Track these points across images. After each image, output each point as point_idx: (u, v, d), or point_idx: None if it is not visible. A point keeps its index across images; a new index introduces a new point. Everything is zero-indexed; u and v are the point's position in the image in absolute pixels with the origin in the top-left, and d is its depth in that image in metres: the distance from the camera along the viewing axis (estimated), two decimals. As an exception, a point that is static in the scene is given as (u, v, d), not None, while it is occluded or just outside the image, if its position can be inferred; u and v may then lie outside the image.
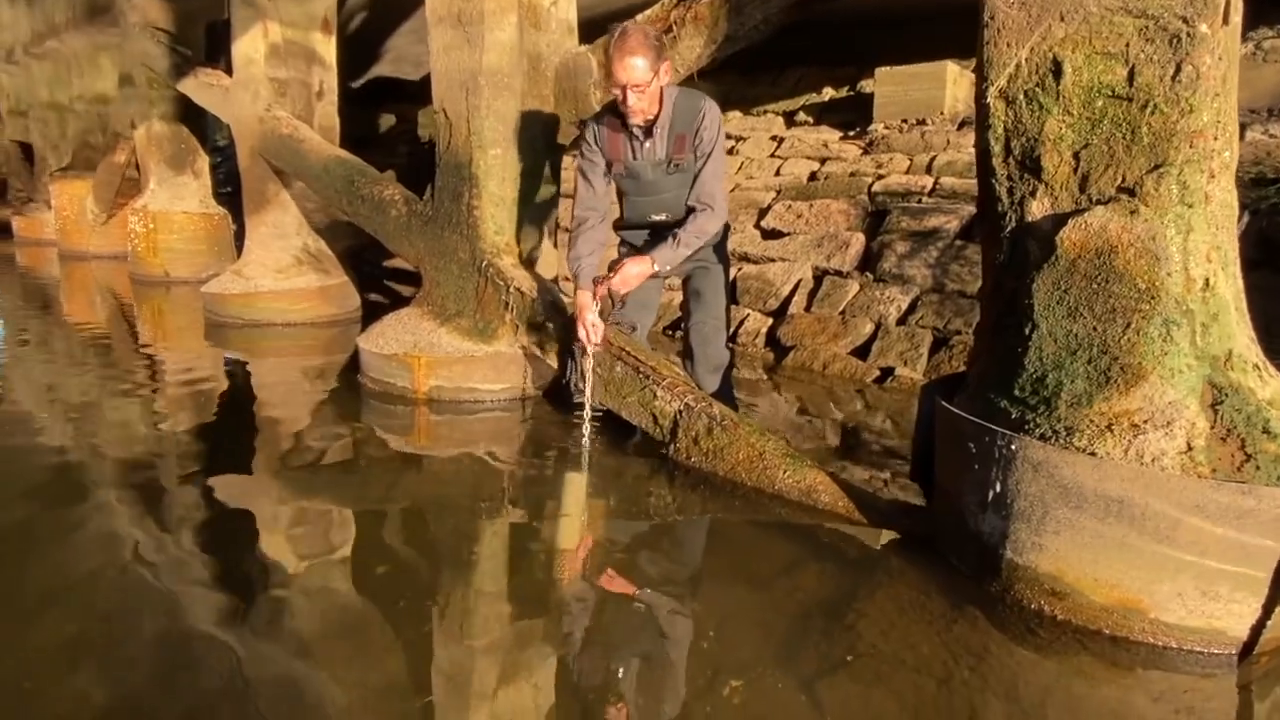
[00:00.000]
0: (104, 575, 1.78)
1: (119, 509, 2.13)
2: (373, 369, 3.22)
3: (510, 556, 1.97)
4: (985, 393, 1.74)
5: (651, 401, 2.52)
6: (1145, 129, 1.55)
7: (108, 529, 2.01)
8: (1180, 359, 1.53)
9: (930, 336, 3.73)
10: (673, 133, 2.41)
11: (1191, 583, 1.46)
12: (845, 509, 2.08)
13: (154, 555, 1.87)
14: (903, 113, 5.35)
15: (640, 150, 2.44)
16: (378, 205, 3.53)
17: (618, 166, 2.49)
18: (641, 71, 2.23)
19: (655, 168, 2.45)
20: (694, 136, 2.40)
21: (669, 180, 2.47)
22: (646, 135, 2.42)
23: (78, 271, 6.83)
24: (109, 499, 2.19)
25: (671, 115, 2.40)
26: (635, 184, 2.50)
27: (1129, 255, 1.54)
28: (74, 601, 1.68)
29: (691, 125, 2.40)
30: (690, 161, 2.44)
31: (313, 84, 4.54)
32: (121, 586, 1.74)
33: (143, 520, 2.06)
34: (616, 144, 2.45)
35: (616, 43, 2.23)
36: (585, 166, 2.53)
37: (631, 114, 2.32)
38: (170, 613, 1.63)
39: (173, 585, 1.74)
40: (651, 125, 2.40)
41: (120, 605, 1.67)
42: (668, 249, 2.43)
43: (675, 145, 2.42)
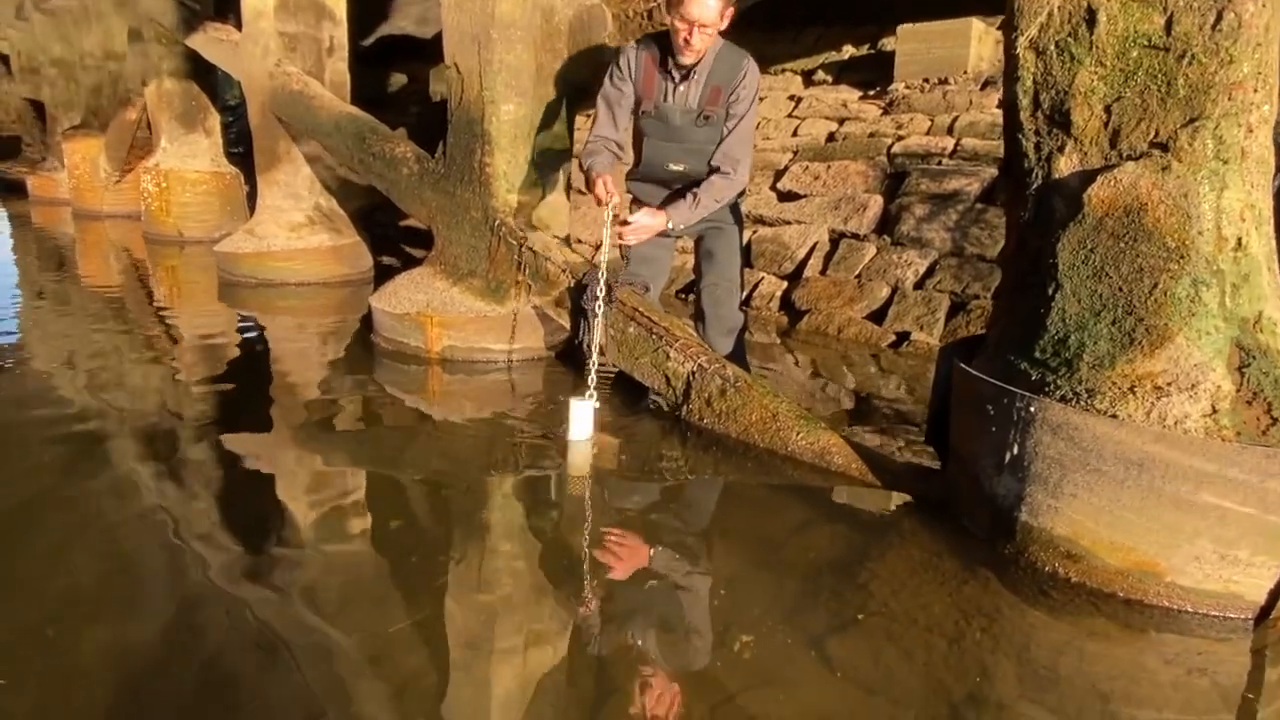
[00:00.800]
0: (122, 528, 1.80)
1: (135, 464, 2.15)
2: (385, 328, 3.21)
3: (522, 514, 1.98)
4: (1005, 354, 1.72)
5: (664, 362, 2.50)
6: (1181, 81, 1.50)
7: (125, 483, 2.03)
8: (1208, 320, 1.49)
9: (948, 301, 3.68)
10: (710, 82, 2.35)
11: (1210, 546, 1.44)
12: (859, 471, 2.07)
13: (171, 509, 1.89)
14: (924, 72, 5.21)
15: (673, 93, 2.38)
16: (389, 163, 3.49)
17: (647, 104, 2.42)
18: (713, 12, 2.18)
19: (685, 114, 2.39)
20: (730, 92, 2.35)
21: (696, 132, 2.41)
22: (684, 78, 2.35)
23: (92, 231, 6.84)
24: (126, 455, 2.21)
25: (712, 64, 2.33)
26: (661, 128, 2.44)
27: (1159, 213, 1.50)
28: (94, 552, 1.70)
29: (730, 81, 2.34)
30: (720, 116, 2.38)
31: (323, 39, 4.47)
32: (139, 539, 1.76)
33: (159, 475, 2.08)
34: (652, 81, 2.38)
35: None
36: (612, 96, 2.44)
37: (689, 53, 2.26)
38: (187, 565, 1.66)
39: (189, 538, 1.76)
40: (691, 69, 2.33)
41: (138, 557, 1.70)
42: (685, 208, 2.40)
43: (710, 96, 2.36)
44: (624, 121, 2.50)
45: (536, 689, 1.33)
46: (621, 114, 2.48)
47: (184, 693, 1.29)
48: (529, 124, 3.06)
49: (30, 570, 1.61)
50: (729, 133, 2.40)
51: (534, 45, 2.96)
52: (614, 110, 2.47)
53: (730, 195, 2.45)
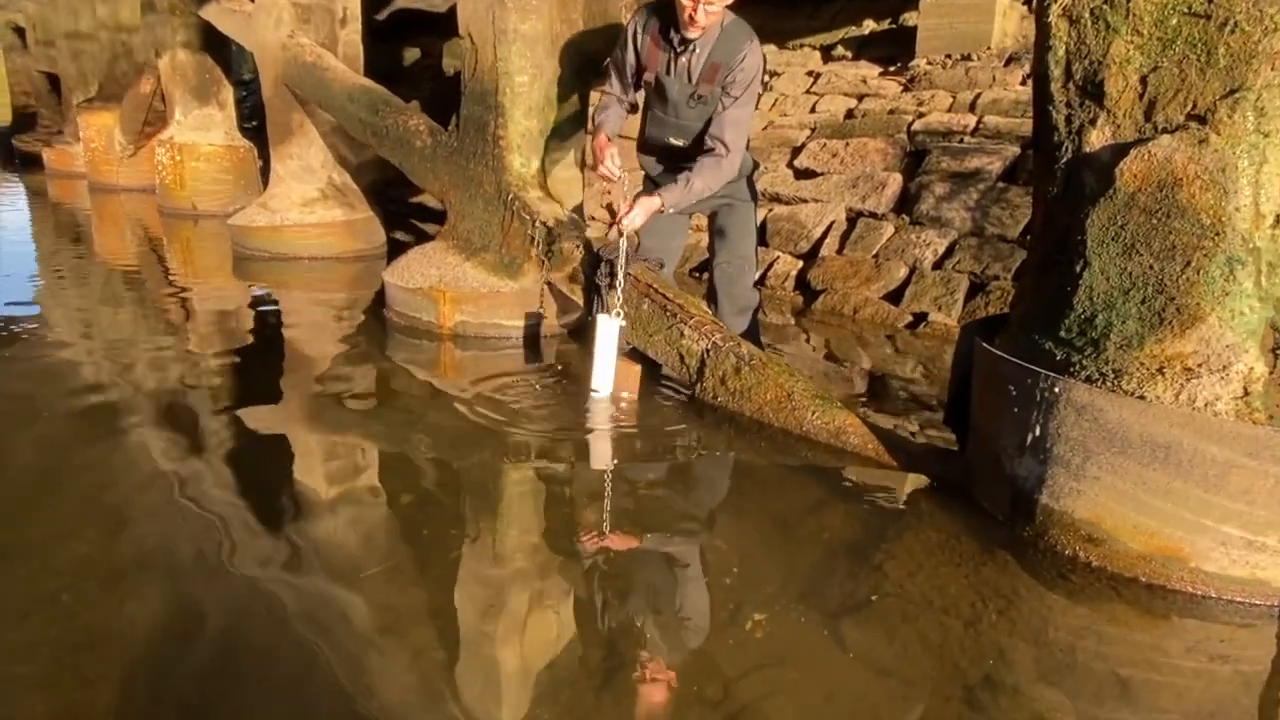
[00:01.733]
0: (137, 498, 1.81)
1: (149, 436, 2.15)
2: (398, 303, 3.20)
3: (534, 490, 1.97)
4: (1028, 333, 1.67)
5: (679, 340, 2.47)
6: (1223, 50, 1.44)
7: (140, 455, 2.04)
8: (1242, 300, 1.45)
9: (967, 281, 3.61)
10: (710, 59, 2.31)
11: (1238, 532, 1.41)
12: (875, 451, 2.04)
13: (184, 481, 1.89)
14: (947, 47, 5.09)
15: (674, 64, 2.35)
16: (402, 136, 3.46)
17: (649, 74, 2.40)
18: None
19: (681, 89, 2.36)
20: (726, 73, 2.30)
21: (689, 110, 2.39)
22: (685, 50, 2.31)
23: (108, 204, 6.85)
24: (140, 426, 2.21)
25: (715, 40, 2.29)
26: (660, 101, 2.42)
27: (1194, 188, 1.45)
28: (108, 522, 1.71)
29: (729, 61, 2.29)
30: (714, 95, 2.34)
31: (336, 10, 4.42)
32: (152, 510, 1.77)
33: (173, 446, 2.09)
34: (655, 52, 2.36)
35: None
36: (617, 60, 2.46)
37: (692, 27, 2.22)
38: (200, 535, 1.66)
39: (202, 509, 1.76)
40: (693, 42, 2.29)
41: (154, 526, 1.70)
42: (677, 190, 2.35)
43: (707, 73, 2.32)
44: (627, 84, 2.49)
45: (546, 663, 1.32)
46: (626, 77, 2.47)
47: (196, 662, 1.29)
48: (543, 96, 3.01)
49: (45, 538, 1.62)
50: (723, 116, 2.34)
51: (549, 14, 2.90)
52: (621, 74, 2.47)
53: (720, 179, 2.39)
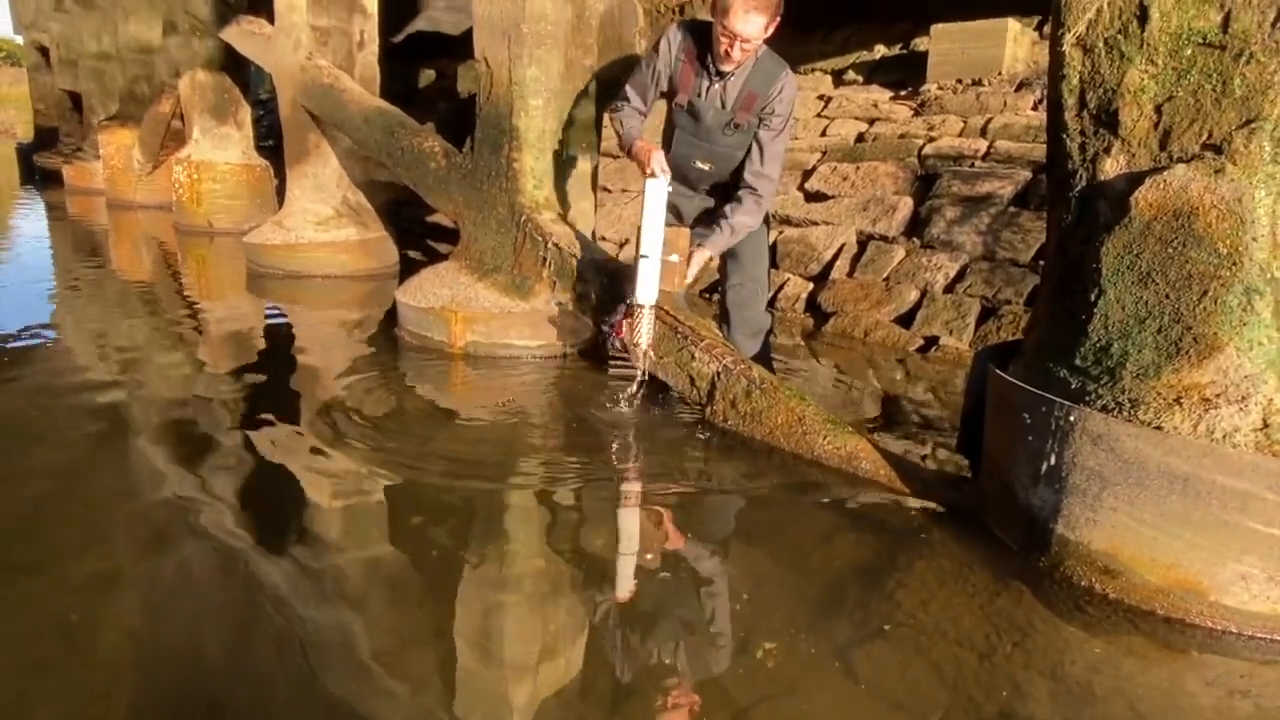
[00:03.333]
0: (146, 515, 1.81)
1: (161, 452, 2.16)
2: (410, 322, 3.21)
3: (543, 513, 1.96)
4: (1043, 361, 1.66)
5: (689, 363, 2.47)
6: (1238, 80, 1.44)
7: (151, 471, 2.04)
8: (1260, 330, 1.43)
9: (978, 306, 3.60)
10: (746, 88, 2.33)
11: (1259, 566, 1.38)
12: (887, 478, 2.03)
13: (193, 498, 1.90)
14: (958, 72, 5.12)
15: (707, 90, 2.36)
16: (417, 157, 3.50)
17: (681, 97, 2.40)
18: (758, 29, 2.16)
19: (716, 114, 2.37)
20: (764, 103, 2.33)
21: (724, 136, 2.40)
22: (720, 77, 2.33)
23: (125, 221, 6.95)
24: (152, 443, 2.22)
25: (750, 70, 2.31)
26: (692, 123, 2.42)
27: (1211, 218, 1.44)
28: (118, 539, 1.71)
29: (766, 91, 2.32)
30: (751, 124, 2.37)
31: (354, 33, 4.49)
32: (163, 527, 1.77)
33: (184, 463, 2.09)
34: (689, 74, 2.36)
35: None
36: (644, 77, 2.42)
37: (728, 62, 2.25)
38: (209, 554, 1.66)
39: (210, 526, 1.76)
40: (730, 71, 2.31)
41: (162, 545, 1.70)
42: (722, 237, 2.43)
43: (743, 102, 2.34)
44: (651, 100, 2.49)
45: (554, 690, 1.31)
46: (651, 95, 2.47)
47: (202, 683, 1.28)
48: (558, 120, 3.04)
49: (56, 555, 1.62)
50: (763, 150, 2.39)
51: (564, 40, 2.94)
52: (643, 91, 2.46)
53: (763, 213, 2.50)
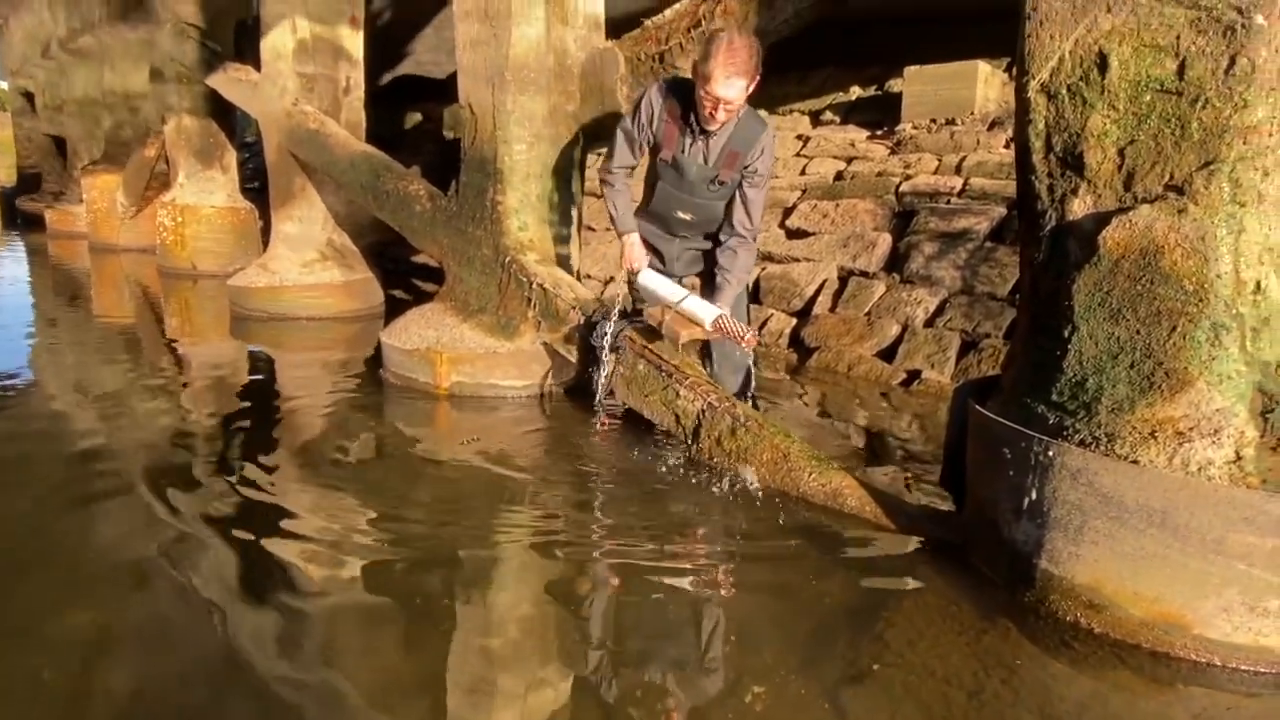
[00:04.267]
0: (127, 569, 1.78)
1: (142, 500, 2.13)
2: (395, 364, 3.21)
3: (528, 556, 1.94)
4: (1021, 396, 1.69)
5: (674, 400, 2.48)
6: (1195, 124, 1.49)
7: (131, 520, 2.01)
8: (1229, 364, 1.47)
9: (958, 339, 3.65)
10: (728, 146, 2.39)
11: (1239, 598, 1.40)
12: (872, 514, 2.03)
13: (176, 548, 1.87)
14: (931, 112, 5.26)
15: (690, 147, 2.42)
16: (402, 200, 3.53)
17: (665, 153, 2.46)
18: (739, 92, 2.23)
19: (699, 170, 2.43)
20: (746, 160, 2.40)
21: (708, 191, 2.47)
22: (704, 136, 2.39)
23: (108, 264, 6.93)
24: (133, 490, 2.19)
25: (733, 129, 2.38)
26: (676, 177, 2.47)
27: (1176, 256, 1.49)
28: (97, 594, 1.68)
29: (748, 149, 2.39)
30: (733, 180, 2.44)
31: (340, 79, 4.56)
32: (144, 580, 1.74)
33: (166, 512, 2.06)
34: (672, 132, 2.42)
35: (726, 53, 2.15)
36: (633, 133, 2.48)
37: (711, 123, 2.31)
38: (191, 605, 1.63)
39: (194, 578, 1.73)
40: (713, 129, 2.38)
41: (142, 597, 1.67)
42: (731, 289, 2.50)
43: (726, 160, 2.41)
44: (638, 158, 2.55)
45: (543, 741, 1.29)
46: (638, 150, 2.53)
47: (181, 741, 1.25)
48: (541, 164, 3.09)
49: (31, 612, 1.59)
50: (748, 204, 2.47)
51: (547, 87, 3.01)
52: (631, 146, 2.52)
53: (754, 258, 2.62)
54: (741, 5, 2.49)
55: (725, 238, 2.52)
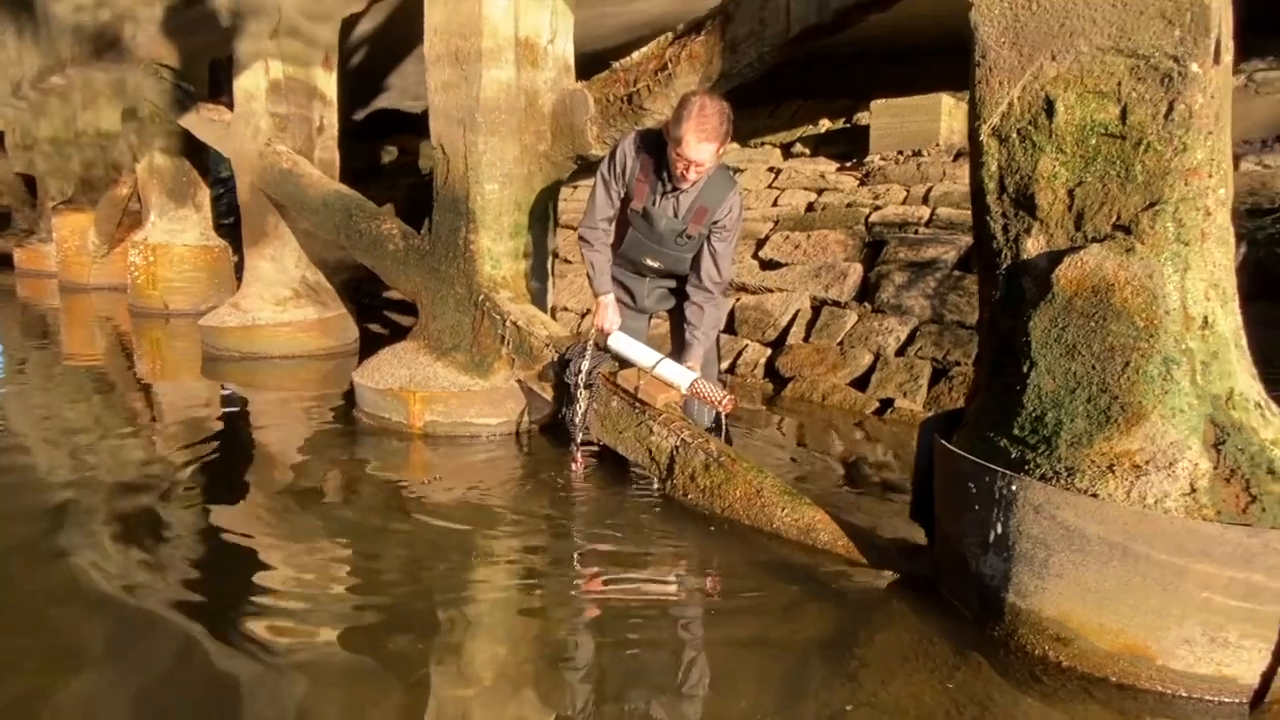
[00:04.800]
0: (90, 621, 1.74)
1: (112, 544, 2.09)
2: (368, 403, 3.19)
3: (504, 597, 1.93)
4: (984, 431, 1.72)
5: (648, 437, 2.49)
6: (1139, 167, 1.55)
7: (101, 563, 1.98)
8: (1181, 398, 1.51)
9: (929, 367, 3.71)
10: (697, 202, 2.44)
11: (1199, 629, 1.42)
12: (845, 548, 2.05)
13: (146, 592, 1.83)
14: (898, 144, 5.39)
15: (661, 199, 2.47)
16: (375, 239, 3.54)
17: (636, 203, 2.50)
18: (710, 156, 2.29)
19: (669, 222, 2.47)
20: (715, 216, 2.45)
21: (676, 243, 2.51)
22: (675, 190, 2.44)
23: (78, 303, 6.84)
24: (102, 533, 2.16)
25: (703, 186, 2.43)
26: (646, 227, 2.52)
27: (1126, 293, 1.53)
28: (58, 650, 1.64)
29: (717, 205, 2.44)
30: (701, 234, 2.49)
31: (313, 119, 4.59)
32: (113, 624, 1.70)
33: (136, 556, 2.03)
34: (644, 185, 2.47)
35: (697, 118, 2.21)
36: (609, 181, 2.53)
37: (683, 181, 2.37)
38: (160, 650, 1.60)
39: (166, 622, 1.70)
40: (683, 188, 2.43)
41: (111, 643, 1.64)
42: (700, 347, 2.57)
43: (695, 215, 2.46)
44: (616, 206, 2.59)
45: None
46: (615, 199, 2.56)
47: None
48: (513, 202, 3.12)
49: None
50: (717, 257, 2.51)
51: (518, 127, 3.05)
52: (610, 194, 2.56)
53: (724, 310, 2.59)
54: (706, 50, 2.55)
55: (693, 292, 2.56)
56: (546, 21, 3.07)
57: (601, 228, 2.58)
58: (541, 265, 3.32)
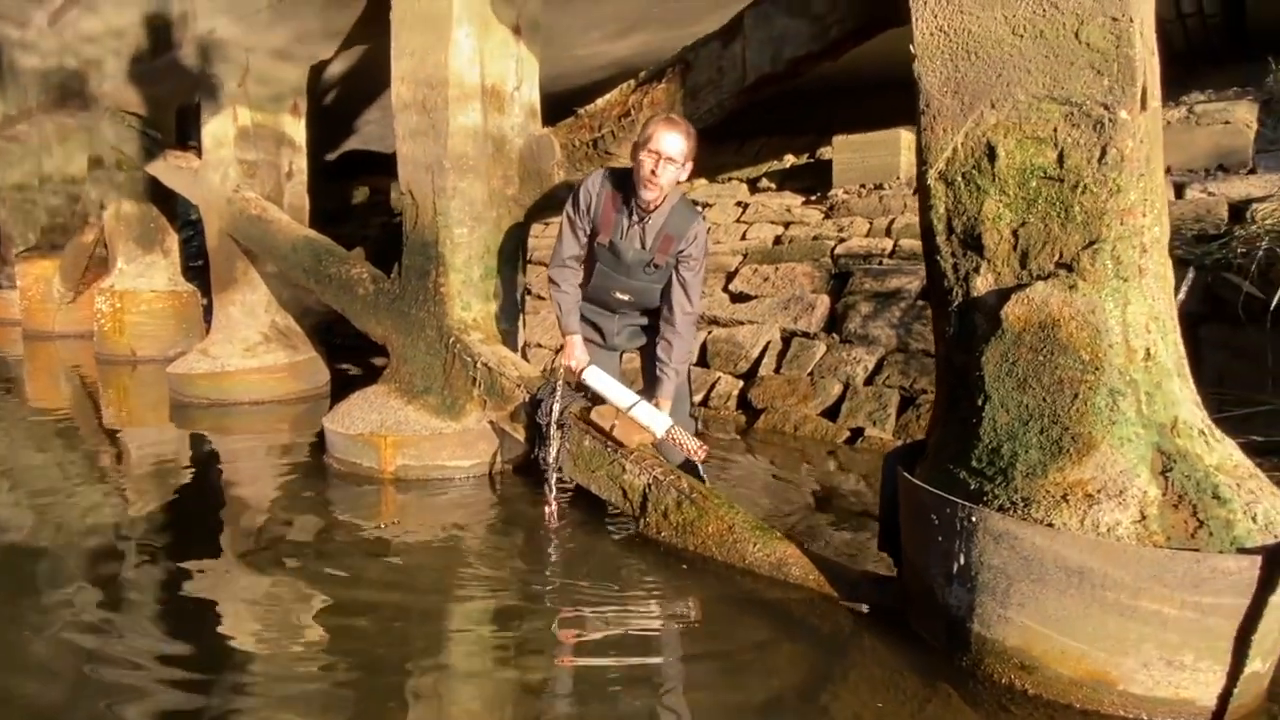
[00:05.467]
0: (60, 669, 1.71)
1: (76, 597, 2.05)
2: (338, 449, 3.18)
3: (479, 644, 1.92)
4: (944, 463, 1.76)
5: (620, 475, 2.50)
6: (1078, 208, 1.63)
7: (65, 618, 1.94)
8: (1128, 427, 1.56)
9: (897, 396, 3.77)
10: (663, 231, 2.49)
11: (1156, 653, 1.46)
12: (816, 582, 2.07)
13: (112, 648, 1.80)
14: (861, 178, 5.53)
15: (628, 231, 2.51)
16: (345, 284, 3.55)
17: (603, 237, 2.54)
18: (680, 149, 2.35)
19: (636, 254, 2.52)
20: (680, 245, 2.49)
21: (644, 274, 2.55)
22: (640, 220, 2.48)
23: (42, 351, 6.73)
24: (67, 587, 2.11)
25: (668, 215, 2.49)
26: (613, 260, 2.55)
27: (1071, 328, 1.59)
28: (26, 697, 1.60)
29: (682, 234, 2.49)
30: (669, 264, 2.53)
31: (282, 165, 4.61)
32: (78, 682, 1.67)
33: (101, 610, 1.99)
34: (610, 217, 2.51)
35: (664, 119, 2.37)
36: (574, 219, 2.57)
37: (652, 186, 2.37)
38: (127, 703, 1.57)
39: (132, 679, 1.67)
40: (647, 213, 2.47)
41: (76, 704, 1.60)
42: (671, 383, 2.58)
43: (661, 244, 2.50)
44: (583, 242, 2.63)
45: None
46: (581, 236, 2.60)
47: None
48: (483, 244, 3.15)
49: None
50: (687, 288, 2.54)
51: (486, 172, 3.10)
52: (576, 234, 2.60)
53: (694, 338, 2.63)
54: (668, 96, 2.63)
55: (664, 327, 2.59)
56: (512, 69, 3.14)
57: (570, 267, 2.62)
58: (511, 306, 3.35)
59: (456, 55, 2.94)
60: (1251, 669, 1.45)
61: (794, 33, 2.30)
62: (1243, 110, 4.55)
